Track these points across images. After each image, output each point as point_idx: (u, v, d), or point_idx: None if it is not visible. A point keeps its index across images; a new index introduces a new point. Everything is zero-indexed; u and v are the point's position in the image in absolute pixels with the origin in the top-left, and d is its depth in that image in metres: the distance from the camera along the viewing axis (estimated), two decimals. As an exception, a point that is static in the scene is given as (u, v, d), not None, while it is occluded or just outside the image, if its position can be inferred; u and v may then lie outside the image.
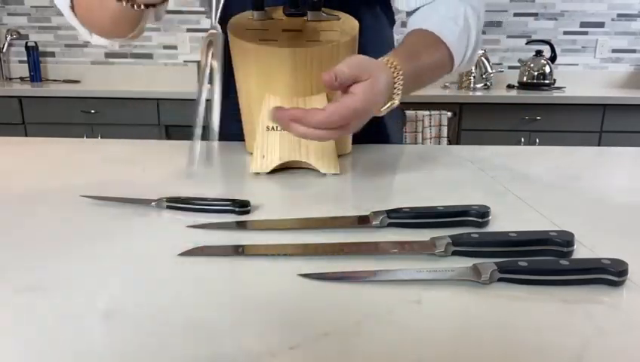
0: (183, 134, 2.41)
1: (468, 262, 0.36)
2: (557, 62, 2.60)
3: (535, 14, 2.73)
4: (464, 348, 0.28)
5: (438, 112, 1.96)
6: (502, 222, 0.47)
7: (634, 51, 2.77)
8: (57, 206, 0.51)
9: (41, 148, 0.81)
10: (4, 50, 2.79)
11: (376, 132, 0.86)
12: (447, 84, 2.70)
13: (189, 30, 2.77)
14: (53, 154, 0.76)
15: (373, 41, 0.82)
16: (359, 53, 0.70)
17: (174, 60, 2.82)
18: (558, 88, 2.53)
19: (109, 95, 2.38)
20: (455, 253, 0.39)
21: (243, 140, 0.77)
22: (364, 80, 0.52)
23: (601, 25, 2.73)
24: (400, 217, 0.45)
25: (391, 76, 0.57)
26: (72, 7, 0.65)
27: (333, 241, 0.41)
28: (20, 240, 0.42)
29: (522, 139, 2.30)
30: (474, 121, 2.31)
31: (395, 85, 0.58)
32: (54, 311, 0.31)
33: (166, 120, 2.41)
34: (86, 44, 2.81)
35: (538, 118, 2.28)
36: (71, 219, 0.48)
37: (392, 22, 0.88)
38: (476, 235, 0.39)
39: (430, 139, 1.99)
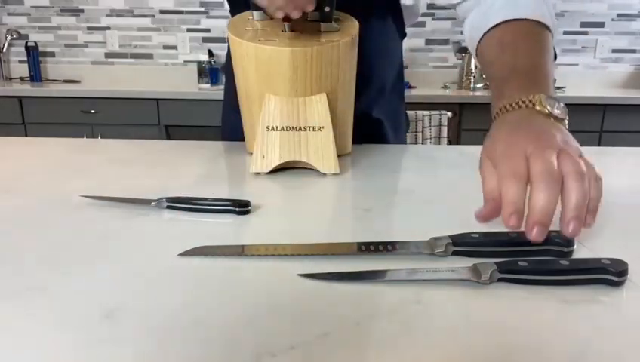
0: (182, 134, 2.41)
1: (468, 262, 0.36)
2: (557, 62, 2.59)
3: (535, 14, 2.73)
4: (464, 348, 0.28)
5: (438, 112, 1.96)
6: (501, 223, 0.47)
7: (634, 51, 2.77)
8: (57, 206, 0.51)
9: (41, 148, 0.81)
10: (4, 50, 2.79)
11: (378, 135, 0.86)
12: (447, 84, 2.70)
13: (189, 30, 2.77)
14: (53, 154, 0.76)
15: (378, 51, 0.81)
16: (363, 62, 0.69)
17: (174, 60, 2.82)
18: (558, 88, 2.53)
19: (109, 95, 2.38)
20: (455, 253, 0.39)
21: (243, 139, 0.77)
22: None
23: (601, 25, 2.73)
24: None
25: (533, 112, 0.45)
26: None
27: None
28: (20, 241, 0.42)
29: (522, 139, 2.30)
30: (474, 121, 2.31)
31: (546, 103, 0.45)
32: (54, 311, 0.31)
33: (166, 120, 2.41)
34: (86, 44, 2.81)
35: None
36: (71, 219, 0.48)
37: (403, 34, 0.87)
38: (476, 235, 0.39)
39: (430, 139, 1.99)
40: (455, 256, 0.39)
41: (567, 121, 0.46)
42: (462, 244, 0.39)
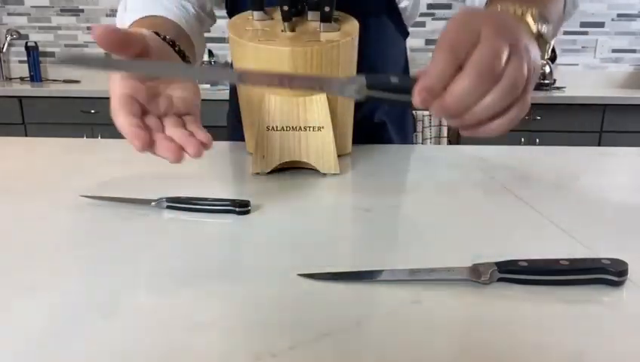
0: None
1: (468, 262, 0.36)
2: (557, 62, 2.60)
3: (535, 14, 2.73)
4: (464, 348, 0.28)
5: (438, 112, 1.96)
6: (501, 223, 0.47)
7: (634, 51, 2.77)
8: (57, 206, 0.51)
9: (41, 148, 0.81)
10: (4, 50, 2.79)
11: (381, 139, 0.86)
12: (447, 84, 2.70)
13: (189, 30, 2.76)
14: (53, 154, 0.76)
15: (379, 52, 0.81)
16: (363, 64, 0.69)
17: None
18: (558, 88, 2.53)
19: (109, 95, 2.37)
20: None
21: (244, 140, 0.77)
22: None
23: (601, 25, 2.73)
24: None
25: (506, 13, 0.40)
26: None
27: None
28: (19, 240, 0.42)
29: (522, 139, 2.30)
30: (474, 121, 2.31)
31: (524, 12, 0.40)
32: (54, 311, 0.31)
33: (166, 120, 2.41)
34: (86, 44, 2.81)
35: (538, 117, 2.28)
36: (71, 219, 0.48)
37: (405, 34, 0.87)
38: None
39: (430, 139, 1.99)
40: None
41: (548, 47, 0.42)
42: None
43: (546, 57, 0.41)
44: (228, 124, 0.94)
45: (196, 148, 0.40)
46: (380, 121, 0.85)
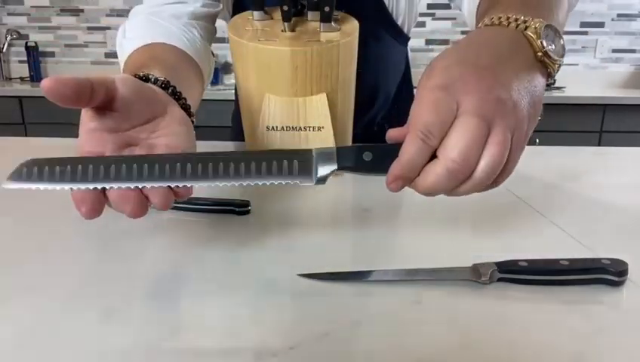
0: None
1: (468, 262, 0.36)
2: (557, 62, 2.60)
3: (535, 14, 2.72)
4: (464, 347, 0.28)
5: (438, 112, 1.96)
6: (501, 222, 0.47)
7: (634, 51, 2.76)
8: (57, 206, 0.51)
9: (41, 148, 0.81)
10: (4, 50, 2.79)
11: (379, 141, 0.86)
12: (447, 84, 2.70)
13: (189, 30, 2.76)
14: (53, 155, 0.76)
15: (380, 59, 0.81)
16: (364, 81, 0.69)
17: (174, 60, 2.81)
18: (558, 88, 2.53)
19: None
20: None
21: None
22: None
23: (601, 25, 2.73)
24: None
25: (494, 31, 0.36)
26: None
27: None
28: (20, 241, 0.42)
29: (522, 139, 2.30)
30: (474, 121, 2.31)
31: (526, 23, 0.35)
32: (54, 311, 0.31)
33: (166, 120, 2.40)
34: (86, 44, 2.81)
35: (538, 117, 2.28)
36: (71, 219, 0.47)
37: (405, 40, 0.87)
38: None
39: (430, 139, 1.99)
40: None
41: (557, 67, 0.37)
42: None
43: (555, 73, 0.37)
44: (233, 123, 0.94)
45: (163, 197, 0.32)
46: (380, 127, 0.85)
